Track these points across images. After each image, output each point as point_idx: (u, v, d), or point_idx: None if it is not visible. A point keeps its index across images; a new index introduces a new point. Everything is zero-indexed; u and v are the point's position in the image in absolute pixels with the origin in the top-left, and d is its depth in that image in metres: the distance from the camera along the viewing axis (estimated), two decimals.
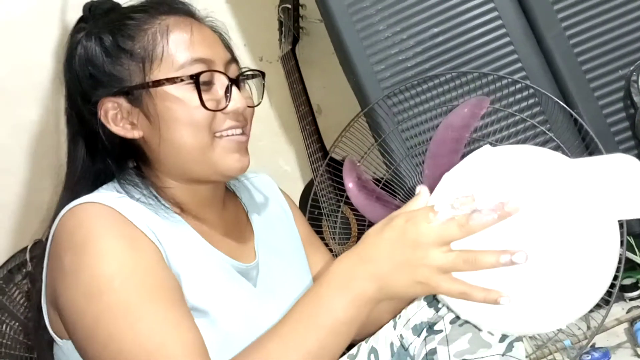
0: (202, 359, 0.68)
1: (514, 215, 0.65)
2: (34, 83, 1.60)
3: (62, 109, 0.86)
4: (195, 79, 0.78)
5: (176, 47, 0.79)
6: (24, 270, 1.43)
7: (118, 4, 0.86)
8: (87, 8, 0.85)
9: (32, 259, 1.38)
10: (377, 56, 1.26)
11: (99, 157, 0.83)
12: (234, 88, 0.81)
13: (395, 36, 1.25)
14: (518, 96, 1.20)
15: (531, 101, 1.21)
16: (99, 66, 0.80)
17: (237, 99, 0.81)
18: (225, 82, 0.81)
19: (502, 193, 0.66)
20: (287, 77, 1.71)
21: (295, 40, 1.72)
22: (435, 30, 1.25)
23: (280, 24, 1.75)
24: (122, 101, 0.80)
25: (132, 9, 0.83)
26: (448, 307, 0.76)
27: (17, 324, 1.43)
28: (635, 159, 0.70)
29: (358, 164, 1.28)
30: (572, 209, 0.67)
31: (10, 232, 1.63)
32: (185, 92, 0.78)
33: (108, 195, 0.77)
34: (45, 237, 0.79)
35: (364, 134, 1.32)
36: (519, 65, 1.23)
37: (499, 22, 1.23)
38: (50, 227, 0.77)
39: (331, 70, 1.54)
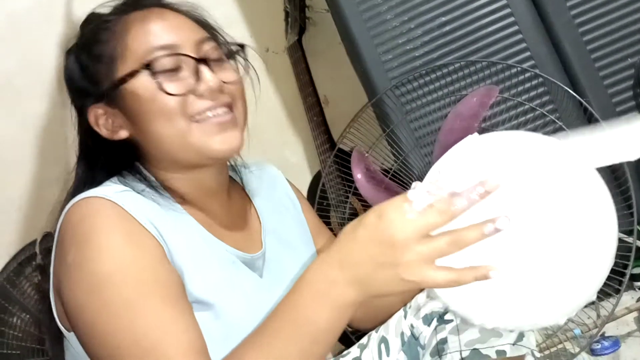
0: (197, 359, 0.68)
1: (496, 196, 0.61)
2: (42, 78, 1.60)
3: (68, 104, 0.87)
4: (148, 66, 0.76)
5: (134, 41, 0.78)
6: (34, 262, 1.44)
7: (101, 14, 0.84)
8: (80, 27, 0.86)
9: (42, 252, 1.39)
10: (385, 46, 1.25)
11: (100, 163, 0.84)
12: (203, 67, 0.78)
13: (403, 25, 1.25)
14: (527, 85, 1.20)
15: (540, 90, 1.20)
16: (78, 78, 0.82)
17: (208, 77, 0.78)
18: (192, 63, 0.78)
19: (480, 172, 0.63)
20: (294, 68, 1.70)
21: (301, 31, 1.72)
22: (443, 19, 1.24)
23: (287, 14, 1.75)
24: (104, 106, 0.80)
25: (107, 14, 0.83)
26: (443, 303, 0.70)
27: (27, 316, 1.44)
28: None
29: (366, 155, 1.28)
30: (553, 178, 0.64)
31: (20, 224, 1.64)
32: (148, 83, 0.77)
33: (112, 188, 0.77)
34: (54, 230, 0.79)
35: (372, 125, 1.32)
36: (527, 54, 1.22)
37: (508, 10, 1.22)
38: (57, 220, 0.78)
39: (338, 60, 1.53)
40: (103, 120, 0.81)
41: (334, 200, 1.44)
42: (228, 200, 0.90)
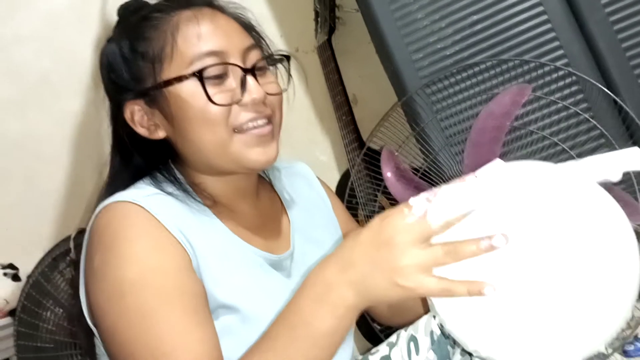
0: None
1: (509, 223, 0.62)
2: (77, 76, 1.63)
3: (103, 101, 0.87)
4: (199, 75, 0.76)
5: (185, 43, 0.77)
6: (68, 258, 1.47)
7: (145, 3, 0.84)
8: (119, 11, 0.86)
9: (76, 247, 1.42)
10: (415, 45, 1.25)
11: (134, 157, 0.84)
12: (249, 78, 0.78)
13: (434, 24, 1.24)
14: (560, 83, 1.18)
15: (574, 88, 1.18)
16: (117, 71, 0.81)
17: (254, 89, 0.78)
18: (240, 72, 0.79)
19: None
20: (323, 67, 1.70)
21: (331, 30, 1.72)
22: (474, 17, 1.23)
23: (316, 13, 1.75)
24: (142, 104, 0.80)
25: (152, 8, 0.82)
26: (454, 339, 0.70)
27: (61, 310, 1.47)
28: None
29: (396, 154, 1.27)
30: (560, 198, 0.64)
31: (55, 220, 1.67)
32: (195, 89, 0.76)
33: (142, 192, 0.78)
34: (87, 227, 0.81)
35: (401, 123, 1.31)
36: (561, 52, 1.20)
37: (540, 7, 1.21)
38: (89, 220, 0.79)
39: (367, 59, 1.53)
40: (139, 118, 0.81)
41: (362, 199, 1.44)
42: (257, 201, 0.91)
